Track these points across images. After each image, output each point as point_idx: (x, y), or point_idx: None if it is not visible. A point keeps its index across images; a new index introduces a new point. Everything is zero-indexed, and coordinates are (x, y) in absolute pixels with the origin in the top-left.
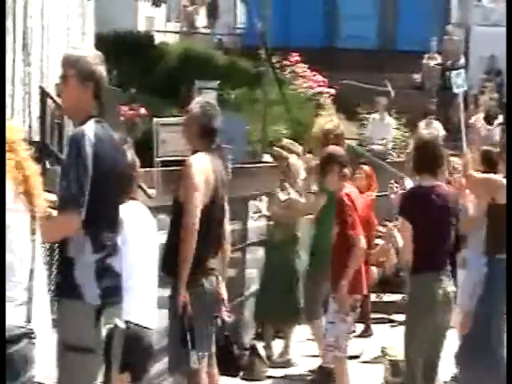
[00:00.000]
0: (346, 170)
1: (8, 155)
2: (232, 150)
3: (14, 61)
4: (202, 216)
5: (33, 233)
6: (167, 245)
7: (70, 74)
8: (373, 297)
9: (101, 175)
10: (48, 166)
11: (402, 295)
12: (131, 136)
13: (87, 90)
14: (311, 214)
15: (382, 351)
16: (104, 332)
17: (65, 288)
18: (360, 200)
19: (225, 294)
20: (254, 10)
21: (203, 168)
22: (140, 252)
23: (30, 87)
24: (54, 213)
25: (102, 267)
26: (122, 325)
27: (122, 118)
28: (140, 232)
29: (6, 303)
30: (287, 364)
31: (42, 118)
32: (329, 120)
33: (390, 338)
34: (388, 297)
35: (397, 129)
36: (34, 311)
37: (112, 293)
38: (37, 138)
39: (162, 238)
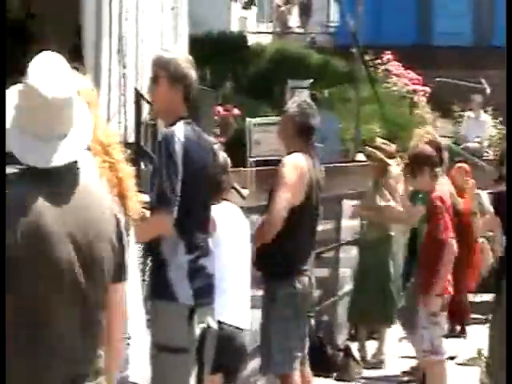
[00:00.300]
0: (438, 170)
1: (103, 157)
2: (325, 149)
3: (109, 64)
4: (295, 215)
5: (127, 234)
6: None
7: (160, 76)
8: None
9: (190, 176)
10: (143, 166)
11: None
12: (225, 136)
13: (177, 92)
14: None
15: (478, 353)
16: (197, 332)
17: (158, 289)
18: (455, 200)
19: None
20: (347, 8)
21: (299, 168)
22: (233, 253)
23: (126, 89)
24: (147, 213)
25: (194, 268)
26: (214, 325)
27: (216, 118)
28: (233, 233)
29: None
30: (381, 365)
31: (137, 119)
32: (426, 132)
33: (486, 339)
34: (483, 297)
35: (493, 126)
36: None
37: (205, 293)
38: (132, 139)
39: None
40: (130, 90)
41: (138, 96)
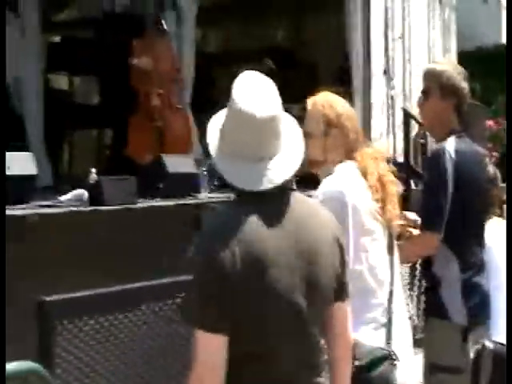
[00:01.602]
0: None
1: (371, 165)
2: None
3: (377, 85)
4: None
5: (390, 253)
6: None
7: (432, 88)
8: None
9: (463, 191)
10: (413, 186)
11: None
12: (496, 150)
13: (449, 105)
14: None
15: None
16: (472, 352)
17: (431, 307)
18: None
19: None
20: None
21: None
22: (503, 269)
23: (394, 110)
24: (414, 232)
25: (469, 285)
26: (490, 345)
27: (486, 133)
28: (503, 248)
29: (366, 325)
30: None
31: (406, 139)
32: None
33: None
34: None
35: None
36: (394, 332)
37: (479, 312)
38: (402, 159)
39: None
40: (398, 110)
41: (407, 116)
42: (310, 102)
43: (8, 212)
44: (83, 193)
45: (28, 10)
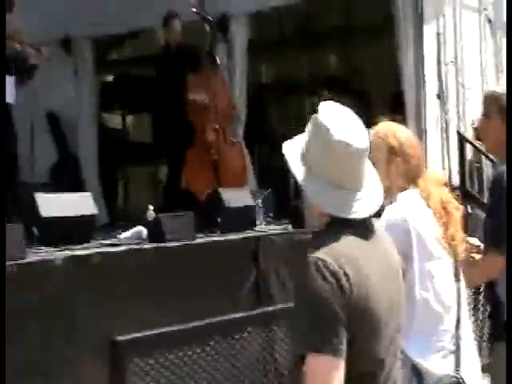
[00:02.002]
0: None
1: (433, 193)
2: None
3: (431, 109)
4: None
5: (457, 279)
6: None
7: (492, 111)
8: None
9: None
10: (469, 210)
11: None
12: None
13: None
14: None
15: None
16: None
17: (496, 331)
18: None
19: None
20: None
21: None
22: None
23: (448, 134)
24: (477, 257)
25: None
26: None
27: None
28: None
29: (435, 353)
30: None
31: (461, 162)
32: None
33: None
34: None
35: None
36: (462, 359)
37: None
38: (457, 183)
39: None
40: (452, 134)
41: (462, 139)
42: (373, 131)
43: (71, 252)
44: (142, 230)
45: (81, 49)
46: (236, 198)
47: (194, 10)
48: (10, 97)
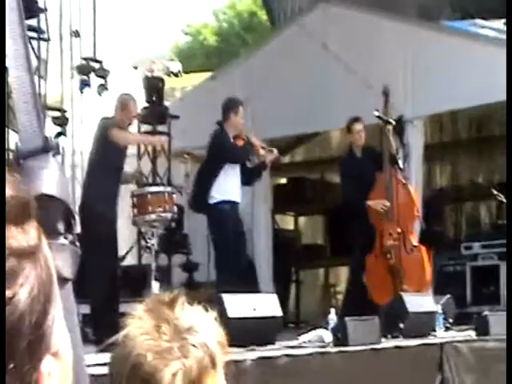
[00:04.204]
0: None
1: None
2: None
3: None
4: None
5: None
6: None
7: None
8: None
9: None
10: None
11: None
12: None
13: None
14: None
15: None
16: None
17: None
18: None
19: None
20: None
21: None
22: None
23: None
24: None
25: None
26: None
27: None
28: None
29: None
30: None
31: None
32: None
33: None
34: None
35: None
36: None
37: None
38: None
39: None
40: None
41: None
42: None
43: (259, 354)
44: (324, 333)
45: None
46: (418, 302)
47: (377, 113)
48: None
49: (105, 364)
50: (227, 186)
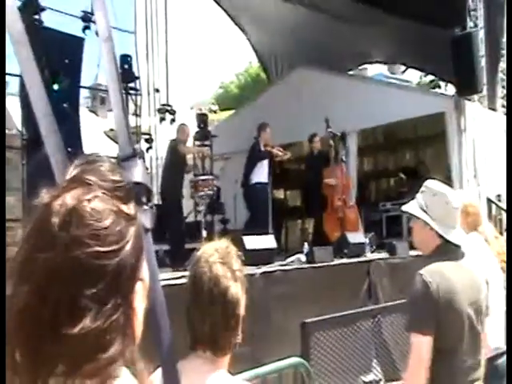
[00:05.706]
0: None
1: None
2: None
3: (467, 188)
4: None
5: None
6: None
7: None
8: None
9: None
10: None
11: None
12: None
13: None
14: None
15: None
16: None
17: None
18: None
19: None
20: None
21: None
22: None
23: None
24: None
25: None
26: None
27: None
28: None
29: None
30: None
31: None
32: None
33: None
34: None
35: None
36: None
37: None
38: None
39: None
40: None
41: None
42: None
43: (263, 270)
44: (301, 256)
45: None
46: (355, 237)
47: (329, 130)
48: None
49: (176, 278)
50: (260, 173)
